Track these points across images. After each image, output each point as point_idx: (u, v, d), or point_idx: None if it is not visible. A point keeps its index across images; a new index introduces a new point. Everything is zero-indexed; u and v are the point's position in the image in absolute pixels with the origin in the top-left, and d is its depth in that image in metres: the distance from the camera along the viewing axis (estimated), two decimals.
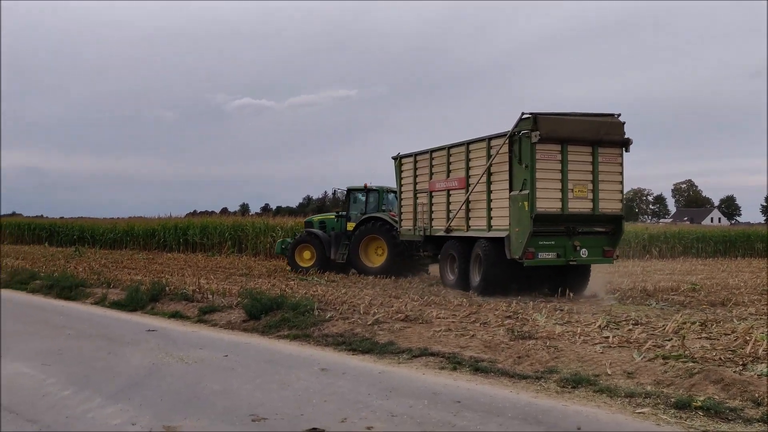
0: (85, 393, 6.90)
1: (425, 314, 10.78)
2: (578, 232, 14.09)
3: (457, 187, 15.99)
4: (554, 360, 7.96)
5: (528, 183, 13.43)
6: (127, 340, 10.01)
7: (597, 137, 13.85)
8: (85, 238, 41.25)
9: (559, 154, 13.62)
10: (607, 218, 14.28)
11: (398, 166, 18.85)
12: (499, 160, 14.42)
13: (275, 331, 10.64)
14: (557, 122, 13.57)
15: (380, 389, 7.08)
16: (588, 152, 13.87)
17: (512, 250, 13.72)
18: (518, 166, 13.77)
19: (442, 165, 16.79)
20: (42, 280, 17.45)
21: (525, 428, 5.72)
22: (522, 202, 13.46)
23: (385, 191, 21.36)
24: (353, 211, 21.30)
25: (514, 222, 13.74)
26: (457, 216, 15.81)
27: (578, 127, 13.76)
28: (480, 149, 15.24)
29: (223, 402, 6.56)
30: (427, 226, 17.19)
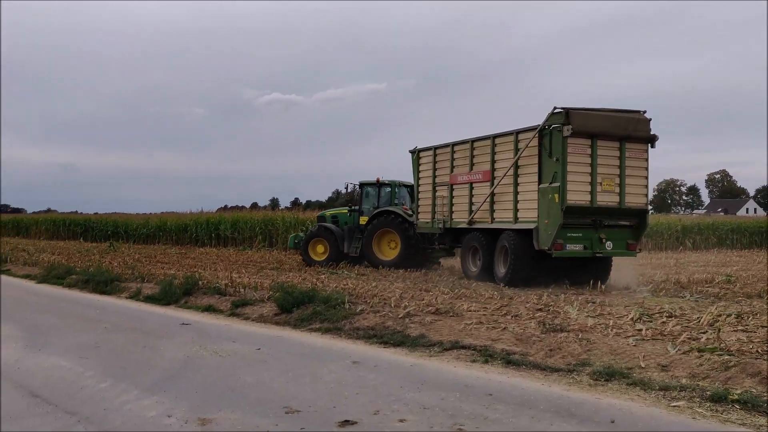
0: (122, 385, 7.03)
1: (456, 307, 10.77)
2: (604, 225, 14.41)
3: (482, 180, 16.24)
4: (586, 353, 7.91)
5: (559, 176, 13.70)
6: (162, 334, 10.16)
7: (625, 133, 14.17)
8: (119, 233, 41.88)
9: (588, 149, 13.91)
10: (633, 212, 14.60)
11: (416, 159, 19.05)
12: (528, 153, 14.63)
13: (307, 324, 10.72)
14: (588, 117, 13.81)
15: (412, 382, 7.11)
16: (616, 147, 14.20)
17: (541, 242, 14.01)
18: (548, 159, 14.03)
19: (464, 158, 17.03)
20: (78, 274, 17.75)
21: (557, 421, 5.70)
22: (552, 195, 13.73)
23: (397, 185, 21.61)
24: (366, 206, 21.55)
25: (543, 214, 14.01)
26: (481, 208, 16.05)
27: (607, 123, 14.06)
28: (507, 143, 15.47)
29: (257, 394, 6.64)
30: (447, 218, 17.49)
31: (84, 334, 10.15)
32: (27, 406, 6.31)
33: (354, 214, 21.75)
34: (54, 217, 52.60)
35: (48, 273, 18.90)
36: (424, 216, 18.63)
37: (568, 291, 13.27)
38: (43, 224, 49.64)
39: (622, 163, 14.23)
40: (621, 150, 14.22)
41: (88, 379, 7.37)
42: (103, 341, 9.61)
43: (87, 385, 7.08)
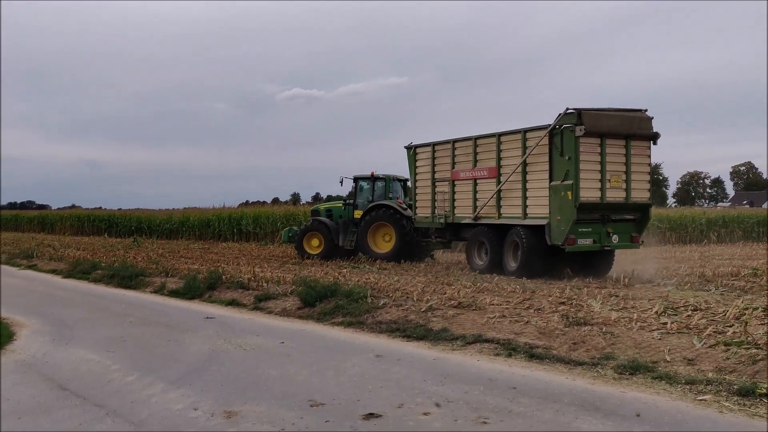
0: (149, 378, 7.12)
1: (478, 301, 10.76)
2: (611, 220, 15.09)
3: (487, 176, 16.71)
4: (610, 346, 7.87)
5: (571, 174, 14.31)
6: (187, 328, 10.27)
7: (630, 131, 14.89)
8: (143, 228, 42.26)
9: (598, 147, 14.59)
10: (637, 206, 15.36)
11: (412, 155, 19.36)
12: (537, 152, 15.14)
13: (329, 318, 10.77)
14: (598, 117, 14.46)
15: (435, 375, 7.12)
16: (622, 145, 14.91)
17: (553, 237, 14.61)
18: (559, 157, 14.60)
19: (467, 155, 17.39)
20: (103, 269, 17.96)
21: (582, 415, 5.68)
22: (565, 192, 14.34)
23: (391, 179, 21.88)
24: (360, 199, 21.77)
25: (555, 210, 14.60)
26: (488, 204, 16.48)
27: (615, 122, 14.76)
28: (513, 141, 15.96)
29: (281, 387, 6.69)
30: (449, 213, 17.89)
31: (110, 328, 10.28)
32: (56, 398, 6.42)
33: (348, 208, 22.05)
34: (78, 213, 53.22)
35: (74, 268, 19.14)
36: (423, 211, 19.00)
37: (591, 284, 13.19)
38: (68, 220, 50.24)
39: (628, 160, 14.96)
40: (627, 148, 14.93)
41: (114, 372, 7.48)
42: (129, 335, 9.73)
43: (114, 378, 7.18)
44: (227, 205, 43.12)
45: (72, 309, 12.27)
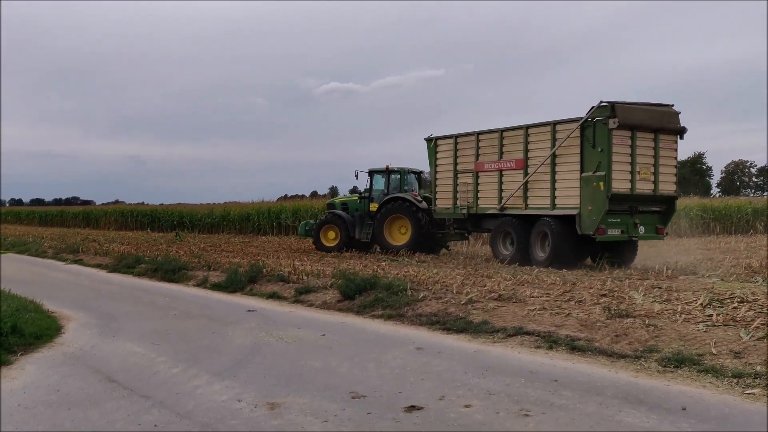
0: (193, 370, 7.25)
1: (518, 293, 10.70)
2: (638, 211, 15.59)
3: (513, 167, 17.12)
4: (654, 339, 7.77)
5: (604, 165, 14.73)
6: (229, 320, 10.41)
7: (659, 125, 15.38)
8: (184, 223, 42.91)
9: (629, 140, 15.02)
10: (664, 198, 15.88)
11: (432, 147, 19.67)
12: (568, 144, 15.51)
13: (369, 310, 10.82)
14: (630, 110, 14.93)
15: (476, 368, 7.12)
16: (651, 138, 15.38)
17: (584, 227, 15.11)
18: (591, 149, 15.00)
19: (492, 147, 17.77)
20: (147, 263, 18.28)
21: (626, 408, 5.62)
22: (597, 183, 14.79)
23: (406, 172, 22.17)
24: (375, 192, 22.07)
25: (587, 201, 15.06)
26: (515, 195, 16.90)
27: (645, 116, 15.22)
28: (542, 133, 16.37)
29: (323, 379, 6.75)
30: (473, 204, 18.27)
31: (155, 321, 10.48)
32: (104, 390, 6.56)
33: (364, 201, 22.30)
34: (122, 208, 54.29)
35: (118, 262, 19.51)
36: (444, 202, 19.30)
37: (633, 276, 13.01)
38: (112, 215, 51.29)
39: (656, 153, 15.45)
40: (655, 141, 15.42)
41: (160, 364, 7.62)
42: (173, 328, 9.91)
43: (159, 370, 7.32)
44: (266, 199, 43.58)
45: (118, 302, 12.52)
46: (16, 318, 9.14)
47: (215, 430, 5.29)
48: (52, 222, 59.05)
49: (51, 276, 17.62)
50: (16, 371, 7.31)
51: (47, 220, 60.54)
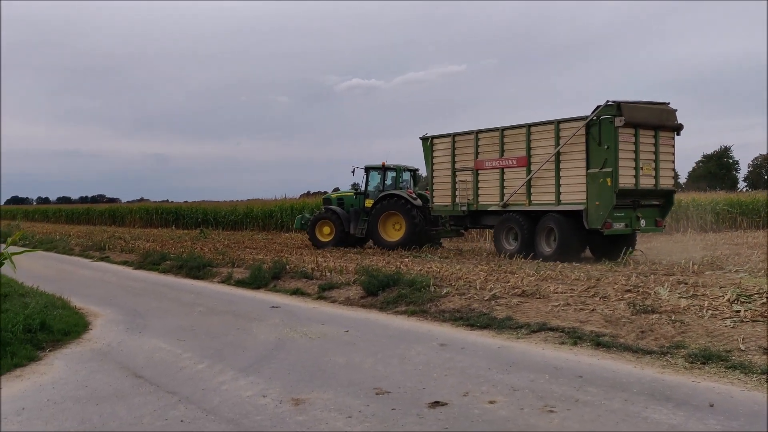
0: (218, 366, 7.31)
1: (542, 289, 10.65)
2: (640, 205, 16.31)
3: (516, 165, 17.60)
4: (680, 335, 7.69)
5: (611, 162, 15.32)
6: (254, 317, 10.48)
7: (659, 122, 16.07)
8: (208, 220, 43.18)
9: (633, 137, 15.64)
10: (663, 193, 16.62)
11: (429, 146, 20.03)
12: (574, 141, 16.07)
13: (393, 307, 10.83)
14: (634, 109, 15.55)
15: (500, 364, 7.10)
16: (651, 135, 16.05)
17: (590, 221, 15.69)
18: (597, 146, 15.60)
19: (493, 145, 18.24)
20: (172, 260, 18.44)
21: (652, 404, 5.57)
22: (604, 179, 15.40)
23: (401, 169, 22.55)
24: (371, 189, 22.46)
25: (593, 196, 15.62)
26: (518, 191, 17.40)
27: (647, 114, 15.90)
28: (546, 131, 16.89)
29: (347, 375, 6.77)
30: (473, 201, 18.73)
31: (180, 317, 10.58)
32: (131, 385, 6.64)
33: (360, 197, 22.70)
34: (147, 206, 54.80)
35: (144, 259, 19.71)
36: (441, 199, 19.73)
37: (658, 272, 12.87)
38: (137, 213, 51.82)
39: (657, 149, 16.15)
40: (655, 138, 16.08)
41: (186, 360, 7.69)
42: (198, 324, 10.00)
43: (185, 366, 7.39)
44: (289, 196, 43.74)
45: (144, 299, 12.66)
46: (44, 314, 9.29)
47: (241, 425, 5.33)
48: (78, 220, 59.79)
49: (78, 273, 17.86)
50: (45, 367, 7.43)
51: (74, 217, 61.33)
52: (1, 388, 6.43)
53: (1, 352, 7.56)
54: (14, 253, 8.99)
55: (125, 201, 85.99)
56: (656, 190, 16.36)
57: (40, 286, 12.53)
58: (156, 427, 5.33)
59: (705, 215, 30.34)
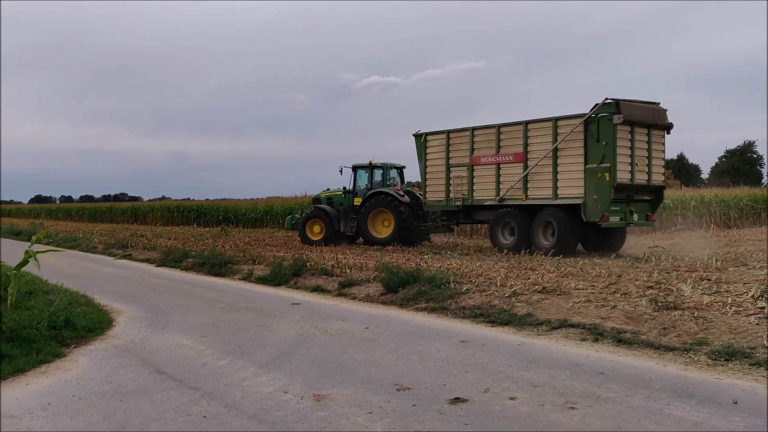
0: (240, 362, 7.36)
1: (563, 285, 10.61)
2: (634, 200, 17.06)
3: (513, 161, 18.19)
4: (703, 331, 7.63)
5: (609, 158, 16.00)
6: (274, 313, 10.54)
7: (652, 121, 16.81)
8: (229, 218, 43.44)
9: (629, 134, 16.38)
10: (654, 188, 17.35)
11: (422, 143, 20.57)
12: (572, 138, 16.74)
13: (413, 303, 10.84)
14: (631, 107, 16.24)
15: (521, 360, 7.09)
16: (645, 133, 16.81)
17: (588, 215, 16.37)
18: (595, 143, 16.28)
19: (489, 141, 18.84)
20: (193, 258, 18.60)
21: (674, 401, 5.54)
22: (602, 174, 16.07)
23: (388, 167, 22.97)
24: (359, 187, 22.99)
25: (592, 190, 16.30)
26: (515, 186, 18.01)
27: (642, 113, 16.59)
28: (543, 128, 17.54)
29: (368, 372, 6.79)
30: (467, 196, 19.27)
31: (202, 314, 10.66)
32: (154, 381, 6.71)
33: (348, 196, 23.23)
34: (168, 204, 55.22)
35: (166, 257, 19.89)
36: (435, 195, 20.29)
37: (681, 268, 12.76)
38: (159, 211, 52.25)
39: (650, 147, 16.91)
40: (649, 136, 16.86)
41: (208, 356, 7.75)
42: (220, 320, 10.07)
43: (207, 362, 7.45)
44: (309, 194, 43.77)
45: (166, 296, 12.78)
46: (69, 312, 9.41)
47: (262, 420, 5.37)
48: (101, 218, 60.44)
49: (101, 271, 18.05)
50: (70, 363, 7.53)
51: (96, 216, 62.00)
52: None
53: (14, 351, 7.68)
54: (39, 252, 9.11)
55: (147, 199, 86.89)
56: (649, 186, 17.06)
57: (64, 283, 12.69)
58: (179, 422, 5.38)
59: (728, 211, 30.01)
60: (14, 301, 9.03)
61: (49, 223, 48.47)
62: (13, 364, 7.17)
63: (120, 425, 5.36)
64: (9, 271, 9.23)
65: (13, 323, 8.14)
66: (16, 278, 8.92)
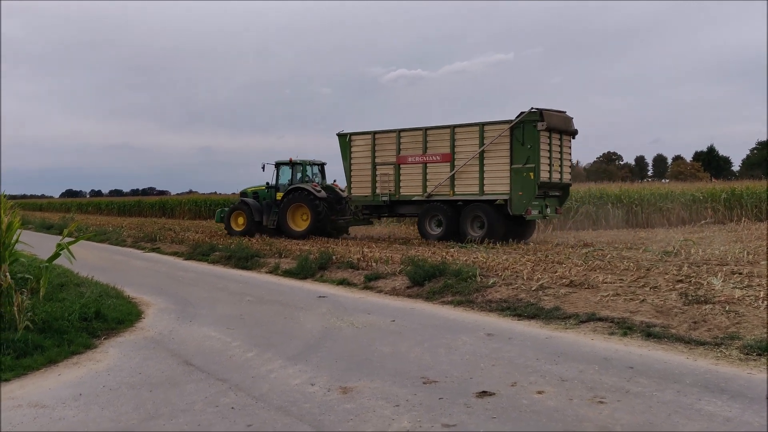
0: (267, 354, 7.41)
1: (590, 279, 10.51)
2: (548, 195, 19.42)
3: (440, 160, 20.26)
4: (735, 326, 7.51)
5: (533, 159, 18.24)
6: (301, 306, 10.59)
7: (564, 128, 19.24)
8: None
9: (548, 139, 18.67)
10: (563, 186, 19.92)
11: (347, 142, 22.35)
12: (499, 141, 18.91)
13: (439, 297, 10.82)
14: (551, 116, 18.48)
15: (548, 354, 7.04)
16: (558, 138, 19.19)
17: (515, 208, 18.63)
18: (520, 146, 18.46)
19: (415, 142, 20.83)
20: (220, 251, 18.74)
21: (706, 396, 5.46)
22: (527, 173, 18.33)
23: (308, 164, 24.71)
24: (282, 183, 24.48)
25: (517, 187, 18.53)
26: (442, 183, 20.02)
27: (558, 120, 18.89)
28: (470, 132, 19.62)
29: (394, 364, 6.79)
30: (394, 192, 21.22)
31: (229, 307, 10.74)
32: (183, 373, 6.78)
33: (271, 191, 24.77)
34: (196, 198, 55.71)
35: (193, 250, 20.05)
36: (360, 190, 22.11)
37: (711, 262, 12.57)
38: (186, 205, 52.68)
39: (562, 150, 19.39)
40: (561, 140, 19.29)
41: (235, 348, 7.81)
42: (247, 313, 10.14)
43: (235, 354, 7.51)
44: None
45: (194, 288, 12.89)
46: (99, 304, 9.54)
47: (290, 412, 5.40)
48: (130, 212, 61.13)
49: (130, 264, 18.26)
50: (101, 354, 7.63)
51: (125, 210, 62.70)
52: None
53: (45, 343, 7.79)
54: (70, 243, 9.22)
55: (175, 193, 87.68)
56: (560, 183, 19.55)
57: (95, 276, 12.86)
58: (208, 413, 5.43)
59: (760, 204, 29.52)
60: (45, 293, 9.16)
61: (80, 217, 49.09)
62: (45, 355, 7.29)
63: (150, 415, 5.42)
64: (41, 263, 9.36)
65: (45, 315, 8.27)
66: (47, 271, 9.05)
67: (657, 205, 29.13)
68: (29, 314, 7.93)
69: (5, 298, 7.92)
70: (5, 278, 7.94)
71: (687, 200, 29.61)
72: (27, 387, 6.35)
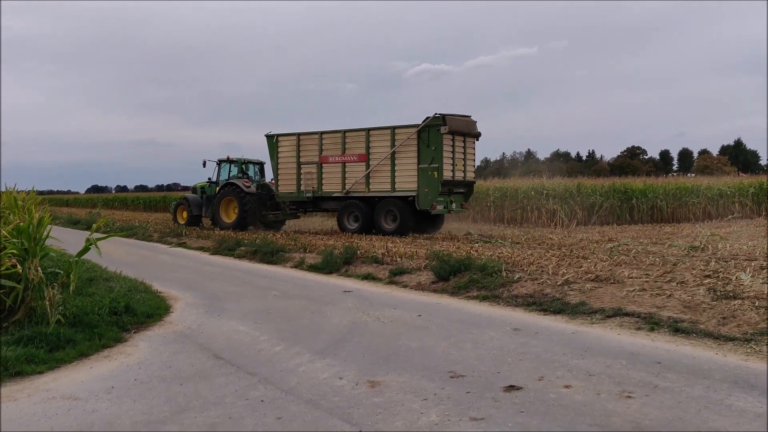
0: (295, 349, 7.48)
1: (616, 274, 10.46)
2: (453, 192, 21.20)
3: (357, 160, 22.08)
4: (765, 321, 7.44)
5: (437, 159, 20.07)
6: (327, 301, 10.66)
7: (468, 130, 21.16)
8: None
9: (451, 141, 20.51)
10: (468, 183, 21.82)
11: (274, 143, 24.16)
12: (408, 143, 20.71)
13: (464, 292, 10.83)
14: (453, 120, 20.28)
15: (575, 349, 7.03)
16: (462, 140, 21.04)
17: (421, 204, 20.50)
18: (426, 147, 20.31)
19: (335, 144, 22.66)
20: (246, 246, 18.88)
21: (736, 392, 5.43)
22: (432, 172, 20.18)
23: (243, 162, 27.58)
24: (222, 179, 27.33)
25: (424, 185, 20.39)
26: (359, 181, 21.82)
27: (461, 123, 20.76)
28: (382, 134, 21.50)
29: (421, 359, 6.83)
30: (317, 189, 23.10)
31: (256, 301, 10.84)
32: (212, 366, 6.87)
33: (212, 186, 27.75)
34: None
35: (219, 245, 20.21)
36: (287, 187, 24.01)
37: (739, 257, 12.44)
38: None
39: (465, 151, 21.24)
40: (464, 142, 21.13)
41: (263, 342, 7.89)
42: (273, 307, 10.23)
43: (263, 348, 7.59)
44: None
45: (220, 283, 13.01)
46: (128, 298, 9.68)
47: (319, 406, 5.45)
48: (155, 207, 61.62)
49: (158, 258, 18.46)
50: (131, 348, 7.75)
51: (151, 205, 63.23)
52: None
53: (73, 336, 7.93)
54: (100, 239, 9.35)
55: None
56: (464, 181, 21.40)
57: (123, 271, 13.04)
58: (238, 406, 5.51)
59: None
60: (75, 288, 9.30)
61: (105, 213, 49.64)
62: (77, 349, 7.42)
63: (181, 408, 5.51)
64: (70, 258, 9.51)
65: (76, 309, 8.41)
66: (76, 265, 9.18)
67: (683, 200, 28.84)
68: (60, 308, 8.08)
69: (37, 293, 8.06)
70: (36, 273, 8.06)
71: (714, 195, 29.28)
72: (60, 380, 6.47)
